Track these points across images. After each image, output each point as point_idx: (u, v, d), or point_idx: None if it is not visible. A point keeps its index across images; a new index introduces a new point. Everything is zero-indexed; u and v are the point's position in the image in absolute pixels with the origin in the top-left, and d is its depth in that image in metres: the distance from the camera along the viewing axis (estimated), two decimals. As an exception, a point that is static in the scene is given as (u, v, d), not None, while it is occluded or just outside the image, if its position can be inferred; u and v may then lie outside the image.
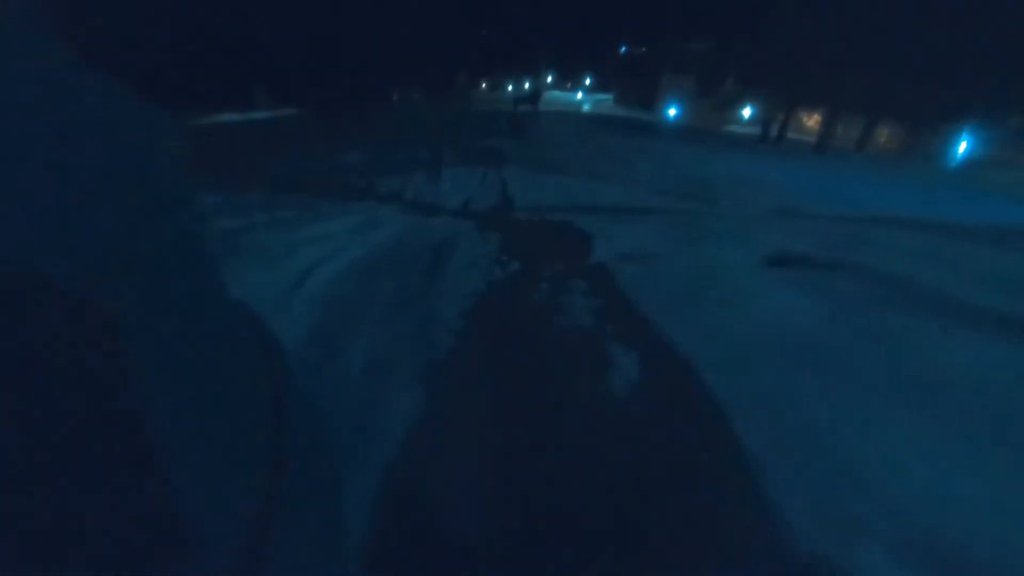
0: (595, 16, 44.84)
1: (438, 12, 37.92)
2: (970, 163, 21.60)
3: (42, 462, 0.36)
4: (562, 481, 2.30)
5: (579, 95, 47.69)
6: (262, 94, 30.42)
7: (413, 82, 39.75)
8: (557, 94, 45.80)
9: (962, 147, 22.53)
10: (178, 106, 23.18)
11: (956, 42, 18.40)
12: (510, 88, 49.38)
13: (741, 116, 35.02)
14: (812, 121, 32.42)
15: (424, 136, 17.17)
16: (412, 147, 14.65)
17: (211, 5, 23.17)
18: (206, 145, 14.65)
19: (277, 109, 29.17)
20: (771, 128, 25.62)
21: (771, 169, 14.49)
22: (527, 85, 46.38)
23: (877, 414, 2.85)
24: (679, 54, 39.66)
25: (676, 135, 24.07)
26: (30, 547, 0.37)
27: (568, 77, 50.43)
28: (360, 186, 9.46)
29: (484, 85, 49.95)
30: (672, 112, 38.29)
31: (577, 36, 46.73)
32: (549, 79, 49.98)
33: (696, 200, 9.24)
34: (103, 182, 0.45)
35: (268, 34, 27.93)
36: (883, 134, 26.96)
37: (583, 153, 14.75)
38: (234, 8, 24.65)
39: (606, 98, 45.19)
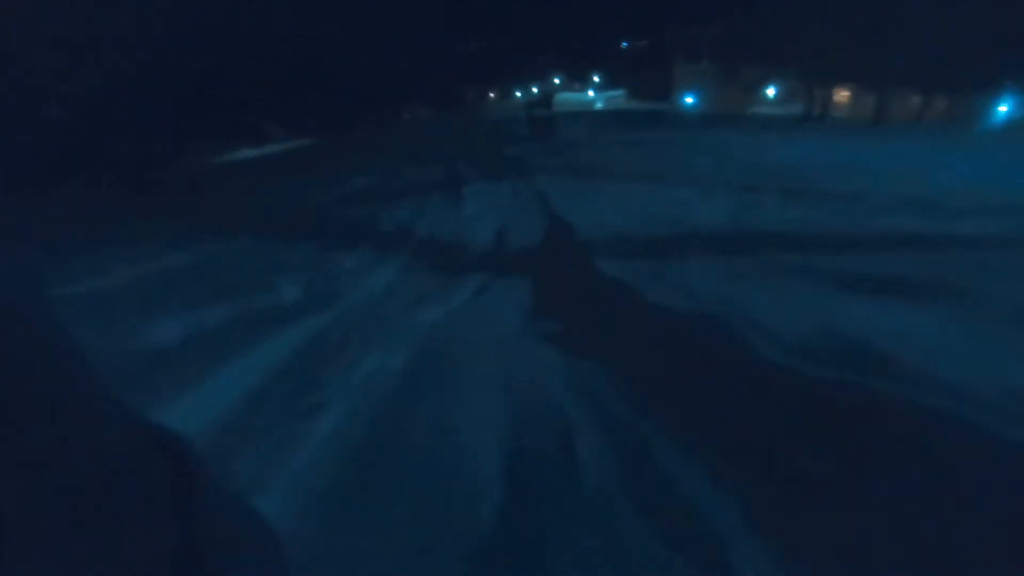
0: (598, 13, 41.93)
1: (440, 28, 35.73)
2: (1011, 126, 18.82)
3: None
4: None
5: (591, 93, 44.88)
6: (275, 127, 29.33)
7: (422, 99, 37.68)
8: (567, 95, 43.05)
9: (1002, 110, 20.48)
10: (194, 145, 21.94)
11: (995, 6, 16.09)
12: (519, 95, 46.89)
13: (766, 96, 31.85)
14: (840, 96, 29.13)
15: (438, 151, 14.85)
16: (425, 165, 12.32)
17: (214, 45, 21.41)
18: (210, 183, 12.97)
19: (291, 140, 27.92)
20: (812, 106, 22.63)
21: (854, 149, 11.59)
22: (535, 90, 43.71)
23: None
24: (690, 41, 36.61)
25: (706, 122, 21.27)
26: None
27: (576, 77, 47.50)
28: (362, 219, 7.10)
29: (493, 95, 47.61)
30: (689, 100, 35.25)
31: (581, 35, 43.93)
32: (557, 81, 47.19)
33: (833, 197, 6.59)
34: None
35: (274, 67, 26.29)
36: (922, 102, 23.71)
37: (620, 151, 12.20)
38: (238, 44, 22.90)
39: (618, 94, 42.28)
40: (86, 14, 14.65)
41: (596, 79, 46.13)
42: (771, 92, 31.86)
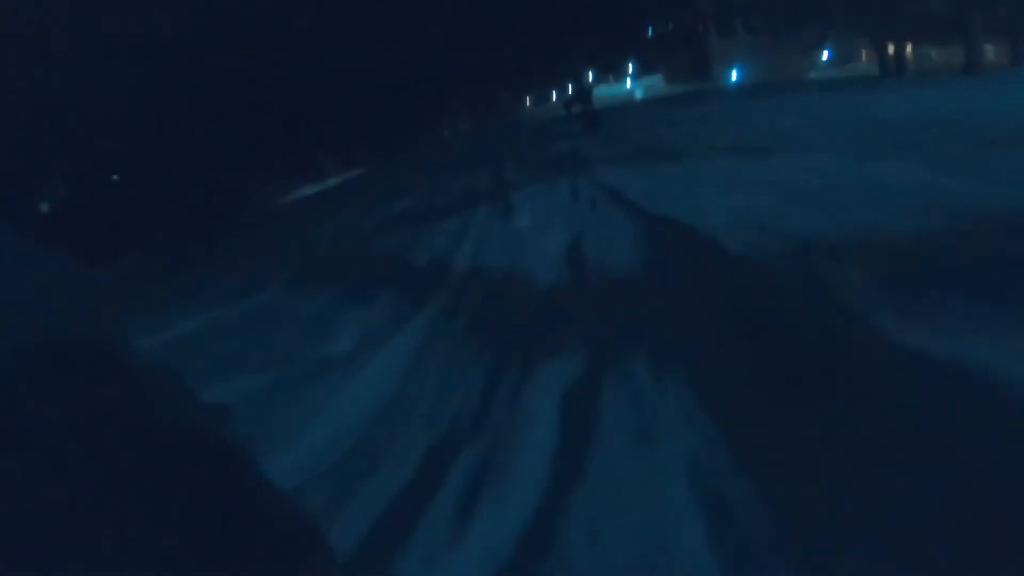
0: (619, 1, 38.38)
1: (465, 43, 33.89)
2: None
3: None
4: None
5: (628, 83, 41.70)
6: (331, 162, 29.23)
7: (459, 113, 36.20)
8: (603, 89, 40.03)
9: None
10: (258, 188, 21.76)
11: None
12: (554, 96, 44.47)
13: (819, 60, 27.65)
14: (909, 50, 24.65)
15: (482, 159, 12.98)
16: (470, 175, 10.45)
17: (264, 91, 20.82)
18: (261, 228, 12.13)
19: (346, 173, 27.62)
20: (888, 62, 19.08)
21: (967, 99, 8.42)
22: (571, 89, 41.03)
23: None
24: (723, 11, 32.59)
25: (767, 90, 18.03)
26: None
27: (609, 69, 44.29)
28: (392, 253, 5.26)
29: (528, 100, 45.44)
30: (733, 75, 31.35)
31: (607, 25, 40.71)
32: (591, 77, 44.22)
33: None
34: None
35: (322, 105, 25.89)
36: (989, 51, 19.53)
37: (689, 126, 9.75)
38: (286, 85, 22.32)
39: (654, 80, 38.80)
40: (148, 64, 13.89)
41: (630, 68, 42.78)
42: (824, 55, 27.72)
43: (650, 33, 41.78)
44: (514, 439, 1.64)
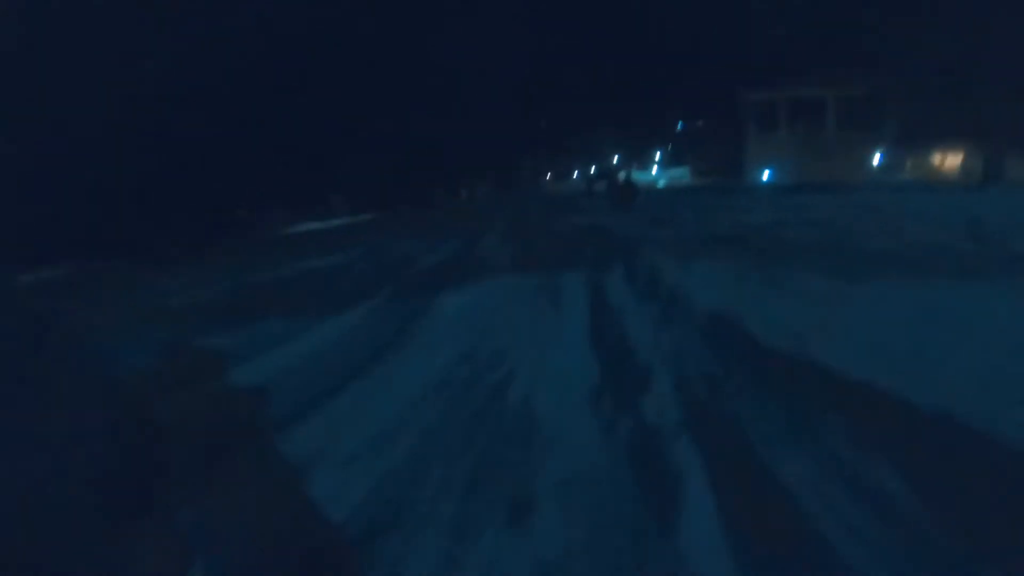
0: (655, 88, 36.74)
1: (496, 108, 32.34)
2: None
3: None
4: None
5: (654, 171, 39.73)
6: (340, 201, 27.34)
7: (479, 177, 34.23)
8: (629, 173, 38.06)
9: None
10: (261, 215, 20.05)
11: None
12: (576, 174, 42.70)
13: (870, 165, 24.96)
14: (944, 162, 22.02)
15: (468, 224, 9.61)
16: (442, 237, 6.95)
17: (291, 118, 19.26)
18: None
19: (355, 215, 25.70)
20: (990, 166, 16.34)
21: None
22: (593, 169, 39.04)
23: None
24: (764, 108, 29.81)
25: (826, 189, 14.92)
26: None
27: (635, 155, 42.55)
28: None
29: (549, 175, 43.72)
30: (766, 174, 28.46)
31: (639, 112, 39.10)
32: (615, 160, 42.52)
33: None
34: None
35: (342, 147, 24.66)
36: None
37: (769, 213, 6.24)
38: (311, 121, 20.94)
39: (680, 171, 36.52)
40: (166, 88, 11.63)
41: (658, 156, 40.86)
42: (876, 159, 25.03)
43: (680, 127, 39.62)
44: None
